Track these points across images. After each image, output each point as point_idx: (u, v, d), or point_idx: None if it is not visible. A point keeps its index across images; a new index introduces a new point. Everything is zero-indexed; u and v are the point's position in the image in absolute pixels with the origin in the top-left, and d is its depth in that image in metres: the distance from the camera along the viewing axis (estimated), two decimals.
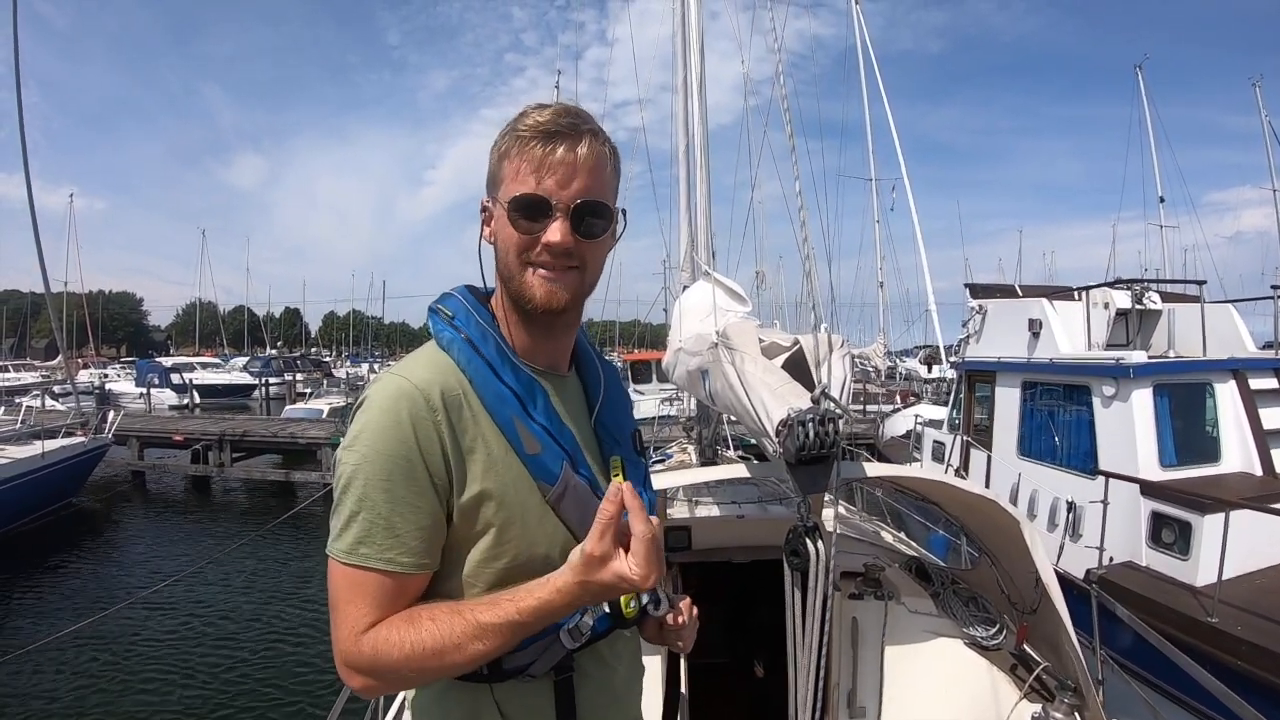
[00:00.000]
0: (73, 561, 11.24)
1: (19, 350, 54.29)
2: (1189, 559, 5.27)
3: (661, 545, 0.96)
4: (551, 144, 1.05)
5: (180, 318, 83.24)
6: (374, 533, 0.98)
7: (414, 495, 1.00)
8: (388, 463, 0.98)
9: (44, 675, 7.20)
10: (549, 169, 1.04)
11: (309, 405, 24.24)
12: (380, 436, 0.99)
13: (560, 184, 1.05)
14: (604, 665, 1.18)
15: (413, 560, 1.00)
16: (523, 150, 1.05)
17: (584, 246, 1.09)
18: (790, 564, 1.82)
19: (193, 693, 6.92)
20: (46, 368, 38.66)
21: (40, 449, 12.49)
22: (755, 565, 3.28)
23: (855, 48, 22.02)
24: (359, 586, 0.99)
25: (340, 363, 54.12)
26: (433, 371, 1.06)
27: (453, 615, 0.96)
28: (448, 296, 1.18)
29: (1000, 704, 2.42)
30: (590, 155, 1.07)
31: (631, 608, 1.08)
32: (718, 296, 3.09)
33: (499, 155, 1.10)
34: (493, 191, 1.12)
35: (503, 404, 1.08)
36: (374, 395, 1.03)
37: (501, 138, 1.10)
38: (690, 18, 4.73)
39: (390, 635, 0.96)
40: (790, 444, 1.74)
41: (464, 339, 1.10)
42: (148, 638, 8.14)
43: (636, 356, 24.09)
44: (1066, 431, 6.96)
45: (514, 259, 1.09)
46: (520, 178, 1.06)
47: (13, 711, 6.57)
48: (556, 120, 1.06)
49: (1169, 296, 8.08)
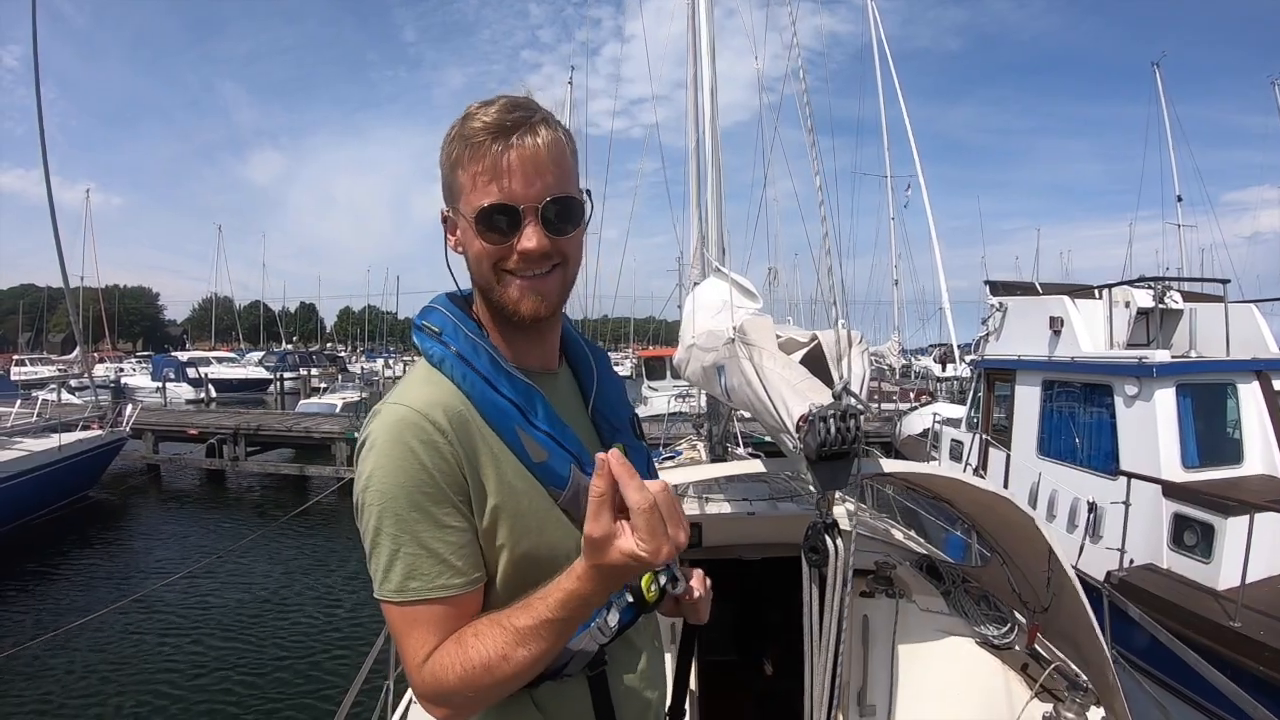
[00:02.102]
0: (89, 554, 11.34)
1: (35, 344, 55.15)
2: (1211, 562, 5.20)
3: (673, 509, 0.88)
4: (505, 142, 0.99)
5: (196, 313, 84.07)
6: (419, 565, 0.96)
7: (444, 516, 0.98)
8: (410, 494, 0.96)
9: (60, 664, 7.25)
10: (508, 171, 0.99)
11: (323, 400, 24.46)
12: (393, 471, 0.96)
13: (524, 185, 1.00)
14: (632, 649, 1.19)
15: (464, 580, 0.98)
16: (476, 154, 1.00)
17: (560, 244, 1.05)
18: (809, 561, 1.79)
19: (204, 685, 6.95)
20: (63, 362, 39.13)
21: (57, 442, 12.60)
22: (766, 563, 3.26)
23: (871, 44, 21.97)
24: (416, 620, 0.97)
25: (355, 358, 54.61)
26: (431, 392, 1.03)
27: (493, 627, 0.94)
28: (430, 311, 1.14)
29: (1011, 703, 2.40)
30: (548, 146, 1.01)
31: (653, 591, 1.07)
32: (730, 293, 3.06)
33: (451, 163, 1.03)
34: (452, 202, 1.06)
35: (504, 416, 1.05)
36: (376, 431, 0.99)
37: (449, 143, 1.03)
38: (700, 14, 4.70)
39: (443, 659, 0.94)
40: (811, 440, 1.71)
41: (455, 354, 1.06)
42: (161, 630, 8.18)
43: (651, 353, 24.16)
44: (1087, 431, 6.88)
45: (488, 270, 1.05)
46: (480, 186, 1.00)
47: (29, 699, 6.63)
48: (505, 115, 1.00)
49: (1190, 296, 7.98)
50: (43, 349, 52.33)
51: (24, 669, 7.04)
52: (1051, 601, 2.58)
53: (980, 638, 2.64)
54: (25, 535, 11.77)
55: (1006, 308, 8.61)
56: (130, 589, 9.10)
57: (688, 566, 1.21)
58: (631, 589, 1.07)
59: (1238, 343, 6.88)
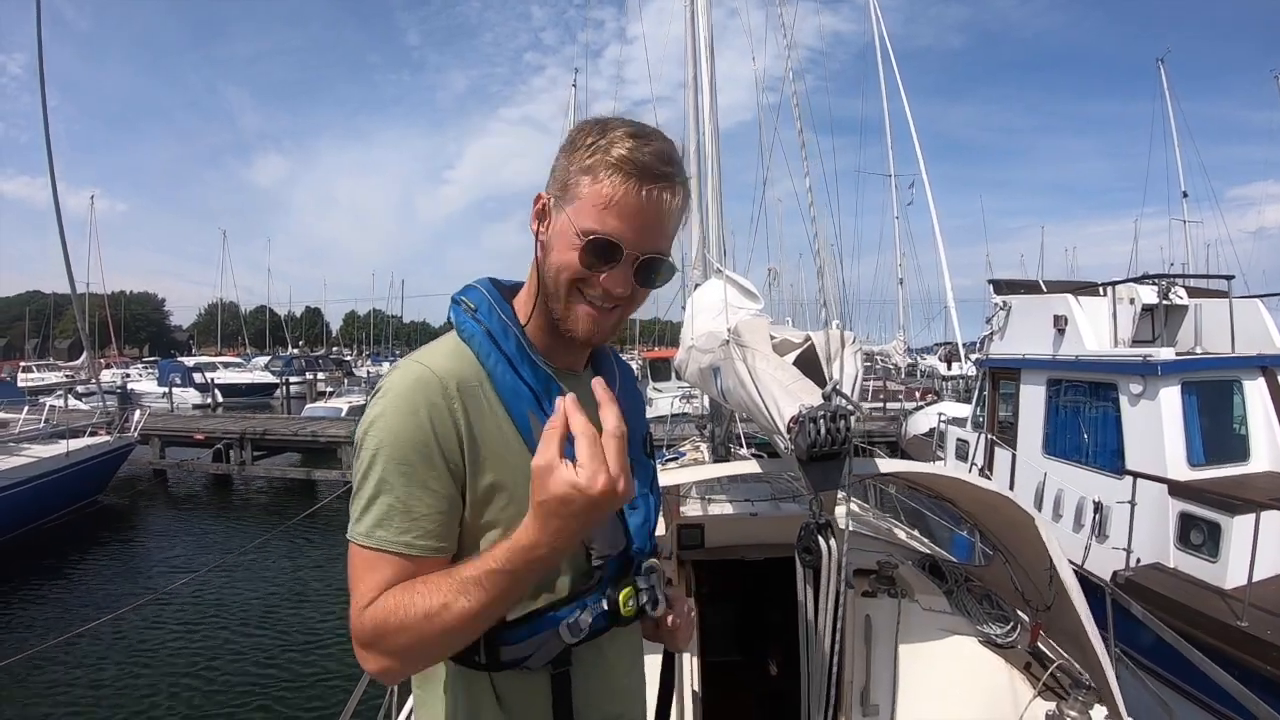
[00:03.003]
0: (98, 558, 11.41)
1: (42, 350, 55.44)
2: (1218, 561, 5.17)
3: (618, 452, 0.87)
4: (646, 189, 1.01)
5: (202, 318, 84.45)
6: (392, 516, 0.98)
7: (432, 479, 1.00)
8: (405, 447, 0.98)
9: (66, 669, 7.29)
10: (634, 215, 1.02)
11: (329, 404, 24.46)
12: (398, 421, 0.99)
13: (639, 234, 1.03)
14: (603, 659, 1.17)
15: (429, 544, 0.99)
16: (613, 181, 1.01)
17: (639, 293, 1.10)
18: (802, 561, 1.80)
19: (209, 688, 6.98)
20: (70, 368, 39.31)
21: (65, 448, 12.65)
22: (769, 563, 3.26)
23: (874, 43, 21.98)
24: (373, 567, 0.98)
25: (361, 361, 54.65)
26: (453, 361, 1.06)
27: (441, 578, 0.94)
28: (470, 288, 1.17)
29: (1014, 702, 2.41)
30: (674, 210, 1.06)
31: (630, 606, 1.09)
32: (729, 294, 3.07)
33: (581, 168, 1.04)
34: (561, 198, 1.07)
35: (518, 398, 1.08)
36: (394, 380, 1.03)
37: (585, 146, 1.04)
38: (698, 16, 4.71)
39: (386, 602, 0.94)
40: (801, 440, 1.72)
41: (485, 332, 1.10)
42: (166, 634, 8.23)
43: (656, 354, 24.15)
44: (1093, 430, 6.85)
45: (565, 285, 1.07)
46: (603, 211, 1.02)
47: (36, 704, 6.67)
48: (658, 164, 1.02)
49: (1195, 292, 7.93)
50: (49, 355, 52.65)
51: (37, 671, 7.07)
52: (1054, 600, 2.58)
53: (983, 637, 2.64)
54: (36, 540, 11.86)
55: (1011, 306, 8.57)
56: (141, 592, 9.13)
57: (678, 592, 1.22)
58: (609, 599, 1.09)
59: (1243, 339, 6.83)
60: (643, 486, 1.22)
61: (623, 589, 1.10)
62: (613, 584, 1.11)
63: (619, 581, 1.12)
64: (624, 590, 1.10)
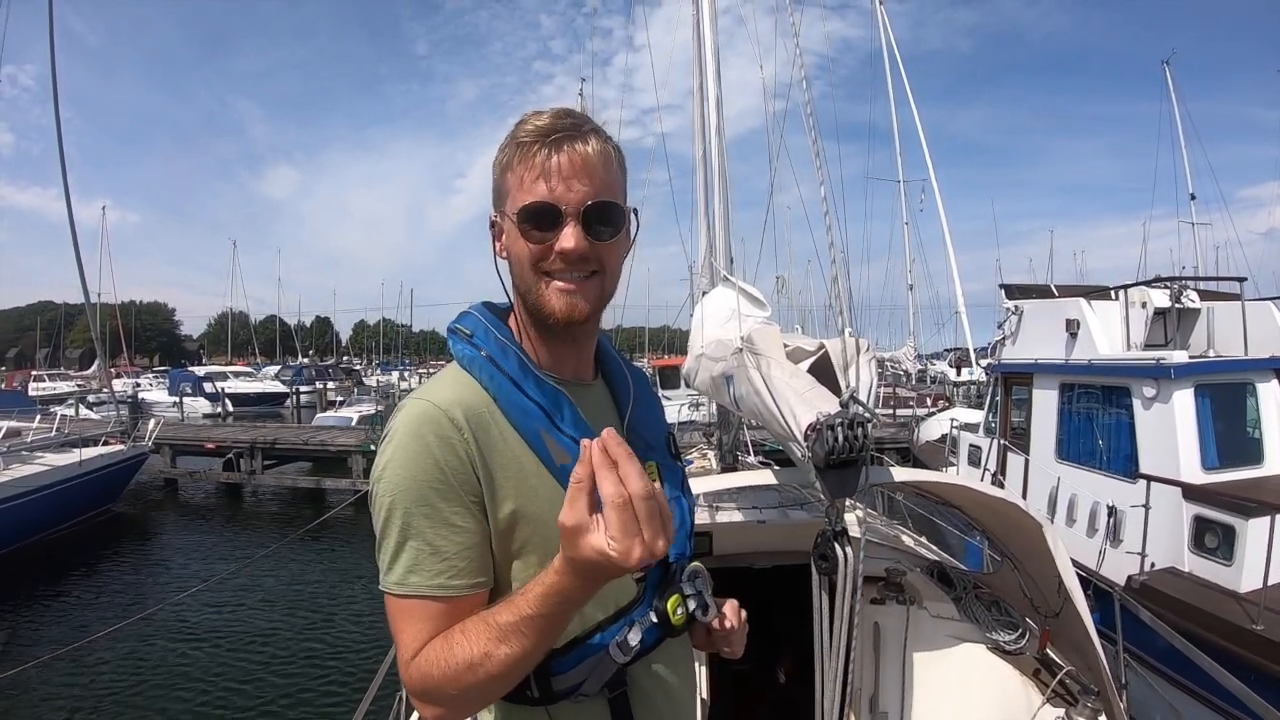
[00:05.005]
0: (112, 566, 11.49)
1: (53, 360, 55.67)
2: (1233, 564, 5.13)
3: (652, 513, 0.80)
4: (554, 146, 1.01)
5: (212, 327, 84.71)
6: (421, 560, 0.96)
7: (454, 515, 0.97)
8: (422, 488, 0.96)
9: (80, 676, 7.34)
10: (555, 173, 1.01)
11: (339, 413, 24.53)
12: (410, 463, 0.97)
13: (568, 187, 1.01)
14: (656, 676, 1.14)
15: (464, 582, 0.97)
16: (525, 158, 1.02)
17: (600, 249, 1.05)
18: (819, 568, 1.80)
19: (220, 695, 7.02)
20: (82, 377, 39.51)
21: (78, 457, 12.72)
22: (777, 570, 3.25)
23: (881, 49, 21.98)
24: (413, 615, 0.96)
25: (371, 371, 54.78)
26: (456, 391, 1.04)
27: (478, 624, 0.92)
28: (465, 315, 1.16)
29: (1023, 709, 2.40)
30: (596, 154, 1.03)
31: (679, 615, 1.05)
32: (737, 302, 3.06)
33: (501, 168, 1.06)
34: (500, 205, 1.09)
35: (528, 418, 1.05)
36: (399, 422, 1.00)
37: (502, 150, 1.06)
38: (704, 23, 4.72)
39: (430, 655, 0.93)
40: (819, 448, 1.72)
41: (484, 356, 1.07)
42: (178, 642, 8.27)
43: (665, 362, 24.13)
44: (1106, 434, 6.80)
45: (529, 271, 1.06)
46: (526, 186, 1.02)
47: (48, 711, 6.70)
48: (556, 122, 1.02)
49: (1207, 294, 7.88)
50: (60, 365, 52.92)
51: (51, 678, 7.13)
52: (1063, 607, 2.57)
53: (991, 643, 2.64)
54: (49, 549, 11.96)
55: (1022, 311, 8.53)
56: (152, 601, 9.21)
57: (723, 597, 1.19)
58: (657, 610, 1.06)
59: (1256, 341, 6.78)
60: (674, 490, 1.19)
61: (669, 598, 1.07)
62: (658, 594, 1.09)
63: (663, 591, 1.09)
64: (671, 599, 1.06)
